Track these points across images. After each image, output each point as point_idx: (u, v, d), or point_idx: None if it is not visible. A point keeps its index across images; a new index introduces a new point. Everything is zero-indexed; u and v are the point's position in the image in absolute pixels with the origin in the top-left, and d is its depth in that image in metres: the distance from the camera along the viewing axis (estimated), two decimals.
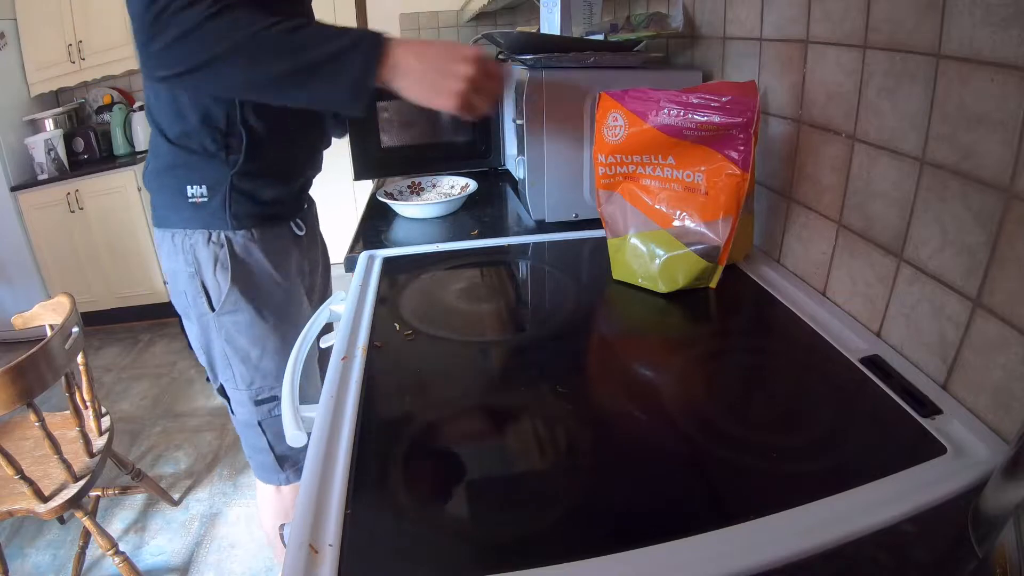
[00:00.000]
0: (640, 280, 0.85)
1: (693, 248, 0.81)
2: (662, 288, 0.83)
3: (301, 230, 1.07)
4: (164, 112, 0.89)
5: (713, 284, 0.84)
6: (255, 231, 0.96)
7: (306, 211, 1.11)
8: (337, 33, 0.72)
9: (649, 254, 0.84)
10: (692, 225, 0.82)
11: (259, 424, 1.03)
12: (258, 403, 1.02)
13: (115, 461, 1.66)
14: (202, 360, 1.05)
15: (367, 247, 1.05)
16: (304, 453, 1.01)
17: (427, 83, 0.74)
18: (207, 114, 0.87)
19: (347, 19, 3.03)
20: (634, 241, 0.86)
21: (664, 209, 0.84)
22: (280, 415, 0.99)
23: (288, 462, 1.08)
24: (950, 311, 0.59)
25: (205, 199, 0.91)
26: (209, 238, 0.93)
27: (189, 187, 0.91)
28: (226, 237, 0.94)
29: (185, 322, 1.03)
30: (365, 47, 0.72)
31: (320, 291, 1.21)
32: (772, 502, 0.47)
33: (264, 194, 0.96)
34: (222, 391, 1.06)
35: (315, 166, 1.09)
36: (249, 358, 1.00)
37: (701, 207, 0.81)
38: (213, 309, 0.96)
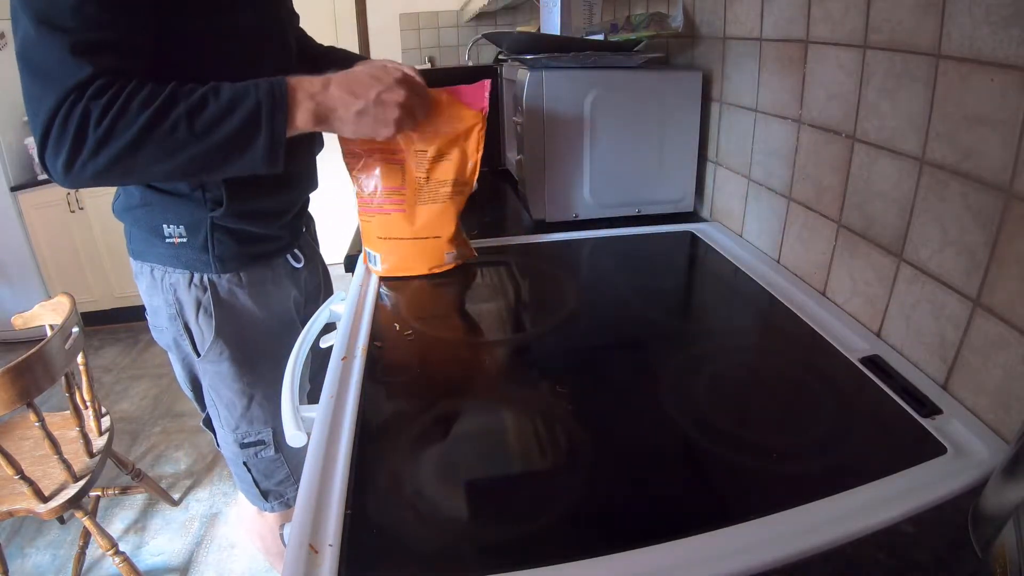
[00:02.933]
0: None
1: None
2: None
3: (299, 262, 0.97)
4: None
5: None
6: (243, 274, 0.86)
7: (304, 236, 1.00)
8: (237, 98, 0.66)
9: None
10: None
11: (244, 464, 0.98)
12: (243, 446, 0.96)
13: (115, 461, 1.66)
14: (187, 392, 0.99)
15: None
16: (290, 487, 1.03)
17: (367, 121, 0.70)
18: None
19: (347, 19, 3.04)
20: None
21: None
22: (267, 456, 0.97)
23: (272, 495, 1.02)
24: (950, 311, 0.59)
25: (184, 240, 0.81)
26: (191, 280, 0.83)
27: (165, 226, 0.81)
28: (210, 280, 0.84)
29: (169, 355, 0.94)
30: (266, 115, 0.66)
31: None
32: (772, 502, 0.47)
33: (253, 232, 0.85)
34: (208, 423, 1.00)
35: (311, 184, 0.97)
36: (235, 406, 0.92)
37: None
38: (198, 354, 0.88)
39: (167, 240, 0.82)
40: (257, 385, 0.92)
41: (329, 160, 1.05)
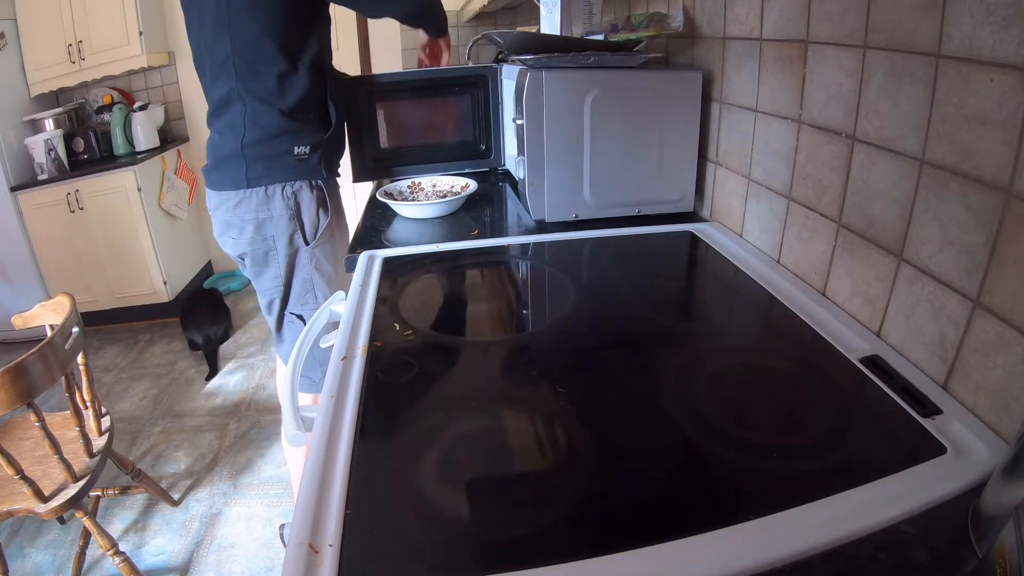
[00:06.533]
0: None
1: None
2: None
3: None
4: (287, 92, 1.20)
5: None
6: (334, 180, 1.32)
7: None
8: None
9: None
10: None
11: None
12: None
13: (115, 461, 1.66)
14: (271, 296, 1.32)
15: (367, 247, 1.05)
16: None
17: None
18: (311, 94, 1.23)
19: (347, 18, 3.03)
20: None
21: None
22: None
23: None
24: (950, 311, 0.59)
25: (306, 156, 1.24)
26: (312, 185, 1.26)
27: (296, 147, 1.23)
28: (322, 184, 1.28)
29: (258, 268, 1.29)
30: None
31: None
32: (772, 502, 0.47)
33: (338, 153, 1.34)
34: (298, 318, 1.33)
35: None
36: (333, 279, 1.33)
37: None
38: (307, 242, 1.28)
39: (296, 156, 1.23)
40: (341, 261, 1.21)
41: None
